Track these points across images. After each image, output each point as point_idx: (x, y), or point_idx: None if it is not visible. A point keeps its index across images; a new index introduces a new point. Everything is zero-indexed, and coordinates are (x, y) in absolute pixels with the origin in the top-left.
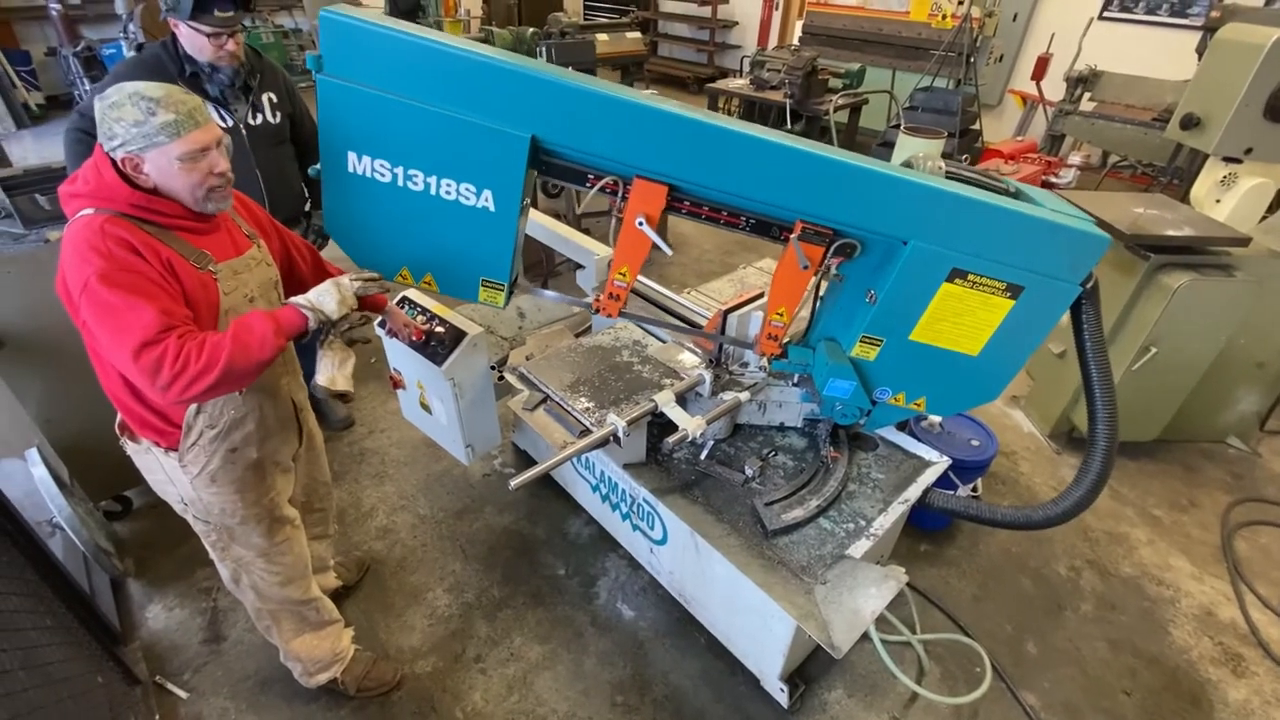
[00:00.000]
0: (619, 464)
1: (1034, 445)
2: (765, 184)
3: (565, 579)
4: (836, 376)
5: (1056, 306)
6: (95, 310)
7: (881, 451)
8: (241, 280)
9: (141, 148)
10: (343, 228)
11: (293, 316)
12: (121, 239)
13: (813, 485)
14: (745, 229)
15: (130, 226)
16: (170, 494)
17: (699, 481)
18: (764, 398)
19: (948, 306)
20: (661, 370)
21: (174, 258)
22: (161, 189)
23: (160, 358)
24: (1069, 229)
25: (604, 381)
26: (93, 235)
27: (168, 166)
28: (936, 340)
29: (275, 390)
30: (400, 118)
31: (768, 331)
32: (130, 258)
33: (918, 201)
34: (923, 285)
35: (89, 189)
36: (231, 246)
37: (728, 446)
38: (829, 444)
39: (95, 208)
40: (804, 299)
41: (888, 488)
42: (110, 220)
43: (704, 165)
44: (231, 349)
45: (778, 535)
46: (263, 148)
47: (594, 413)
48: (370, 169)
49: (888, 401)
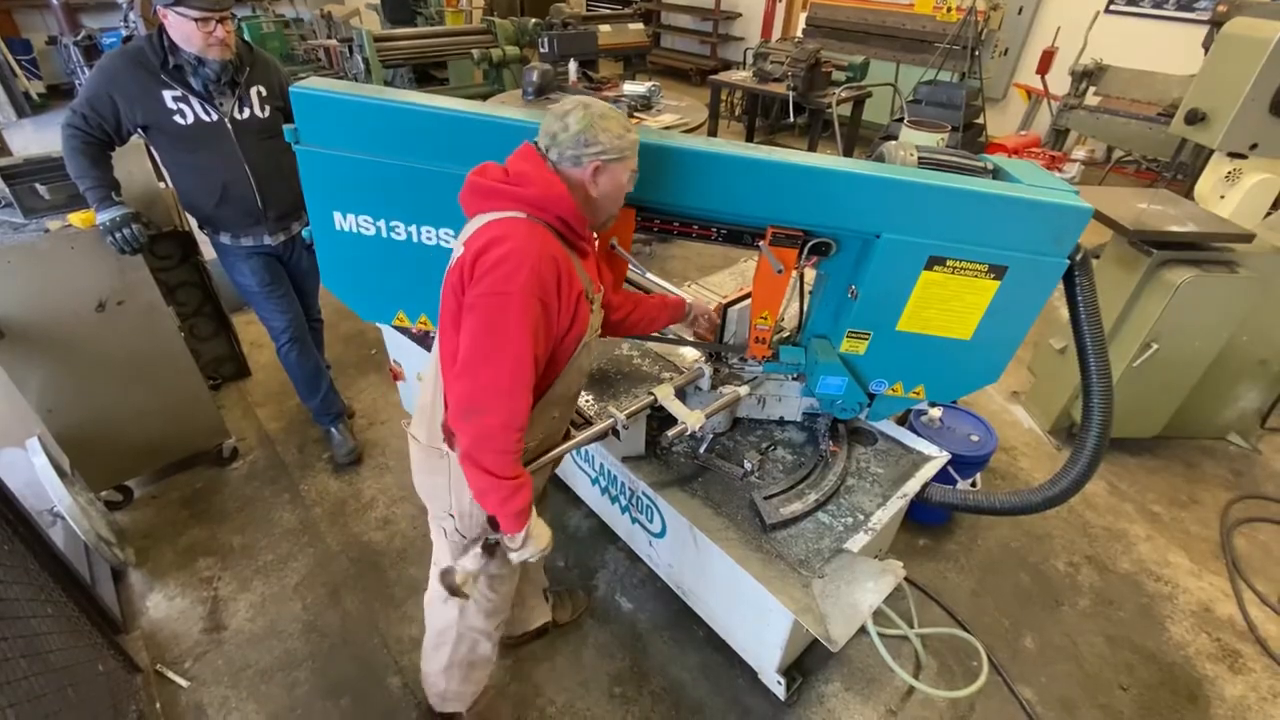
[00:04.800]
0: (618, 457)
1: (1034, 441)
2: (728, 197)
3: (565, 571)
4: (828, 374)
5: (1046, 282)
6: (487, 320)
7: (881, 446)
8: (597, 313)
9: (614, 159)
10: (339, 281)
11: (512, 524)
12: (553, 259)
13: (812, 479)
14: (718, 240)
15: (557, 243)
16: (438, 499)
17: (698, 475)
18: (763, 392)
19: (931, 294)
20: (661, 364)
21: (581, 289)
22: (597, 203)
23: (477, 411)
24: (1047, 204)
25: (604, 375)
26: (539, 244)
27: (618, 184)
28: (925, 328)
29: (568, 418)
30: (374, 175)
31: (755, 335)
32: (550, 289)
33: (883, 195)
34: (901, 276)
35: (533, 194)
36: (594, 274)
37: (727, 440)
38: (828, 438)
39: (528, 213)
40: (788, 299)
41: (886, 482)
42: (546, 235)
43: (663, 185)
44: (486, 474)
45: (776, 529)
46: (252, 141)
47: (594, 405)
48: (355, 225)
49: (886, 392)
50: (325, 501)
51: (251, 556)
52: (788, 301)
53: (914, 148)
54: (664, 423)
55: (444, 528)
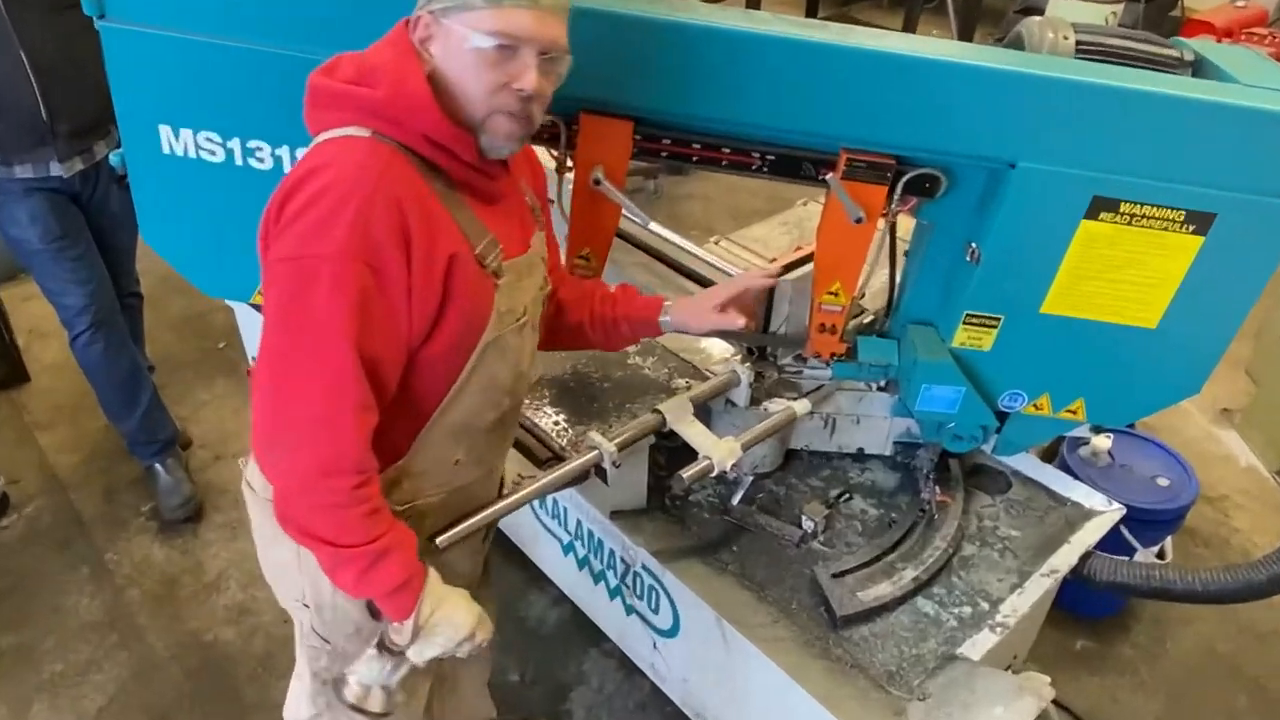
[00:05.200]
0: (605, 512)
1: (1256, 485)
2: (777, 102)
3: (522, 688)
4: (934, 381)
5: (1276, 238)
6: (285, 301)
7: (1016, 494)
8: (522, 290)
9: (452, 4)
10: (168, 235)
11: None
12: (396, 202)
13: (907, 547)
14: (762, 171)
15: (419, 178)
16: (286, 580)
17: (730, 539)
18: (832, 410)
19: (1095, 256)
20: (673, 365)
21: (461, 252)
22: (456, 101)
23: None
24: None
25: (584, 382)
26: (377, 177)
27: (458, 51)
28: (1085, 311)
29: (493, 462)
30: (228, 68)
31: (819, 321)
32: (390, 248)
33: (1020, 100)
34: (1049, 229)
35: (378, 98)
36: (518, 228)
37: (776, 485)
38: (933, 482)
39: (374, 129)
40: (872, 266)
41: (1025, 551)
42: (393, 164)
43: (675, 84)
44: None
45: (852, 624)
46: (32, 19)
47: (565, 431)
48: (193, 147)
49: (1023, 410)
50: (146, 579)
51: (30, 665)
52: (871, 269)
53: (1070, 27)
54: (677, 458)
55: (300, 622)
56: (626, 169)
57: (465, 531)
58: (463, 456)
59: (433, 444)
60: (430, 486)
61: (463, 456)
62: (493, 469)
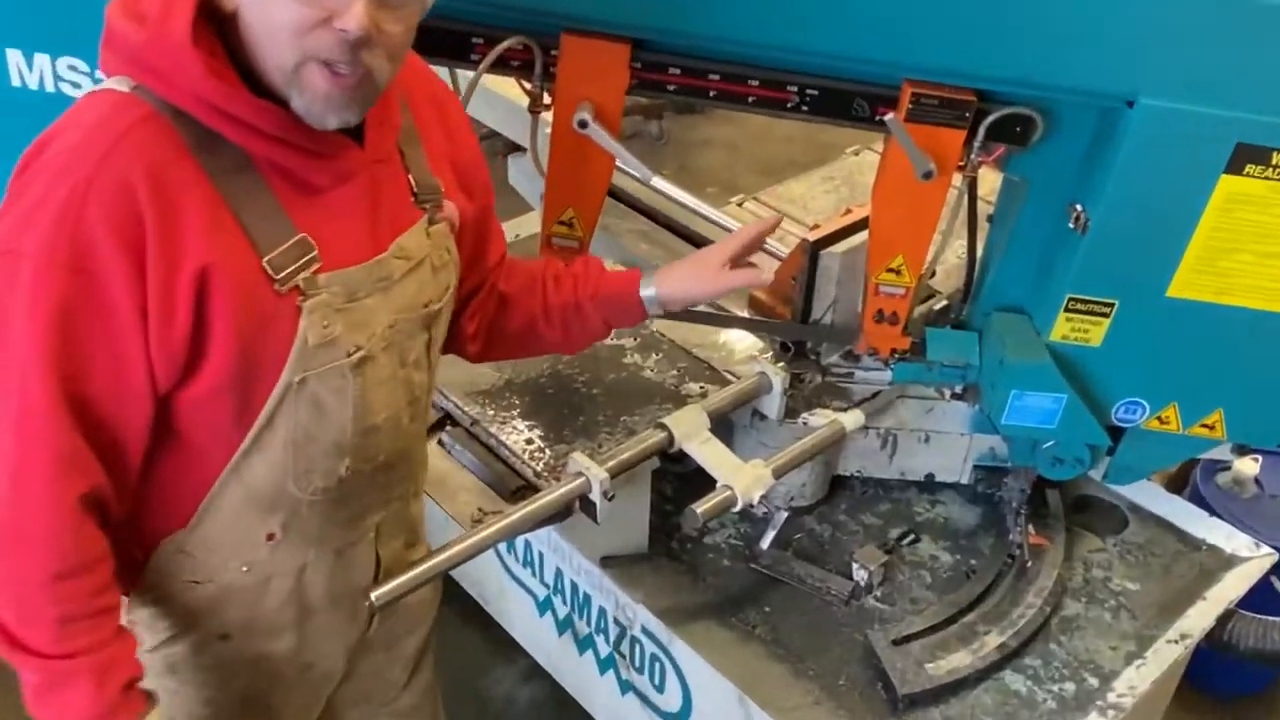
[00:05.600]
0: (593, 558)
1: None
2: (817, 18)
3: None
4: (1027, 386)
5: None
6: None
7: (1134, 535)
8: (363, 311)
9: None
10: None
11: None
12: (127, 189)
13: (991, 605)
14: (799, 109)
15: (179, 157)
16: None
17: (758, 595)
18: (893, 424)
19: (1239, 223)
20: (684, 365)
21: (225, 261)
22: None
23: None
24: None
25: (566, 387)
26: (107, 150)
27: None
28: (1225, 295)
29: (347, 539)
30: None
31: (876, 307)
32: (110, 251)
33: (1146, 12)
34: (1178, 186)
35: (137, 43)
36: (367, 224)
37: (818, 523)
38: (1025, 520)
39: (134, 82)
40: (946, 235)
41: (1146, 610)
42: (136, 133)
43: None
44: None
45: (919, 705)
46: None
47: (544, 452)
48: (52, 79)
49: (1144, 425)
50: None
51: None
52: (944, 240)
53: None
54: (688, 487)
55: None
56: (622, 107)
57: (402, 589)
58: (280, 533)
59: (225, 512)
60: (234, 565)
61: (280, 533)
62: (352, 557)
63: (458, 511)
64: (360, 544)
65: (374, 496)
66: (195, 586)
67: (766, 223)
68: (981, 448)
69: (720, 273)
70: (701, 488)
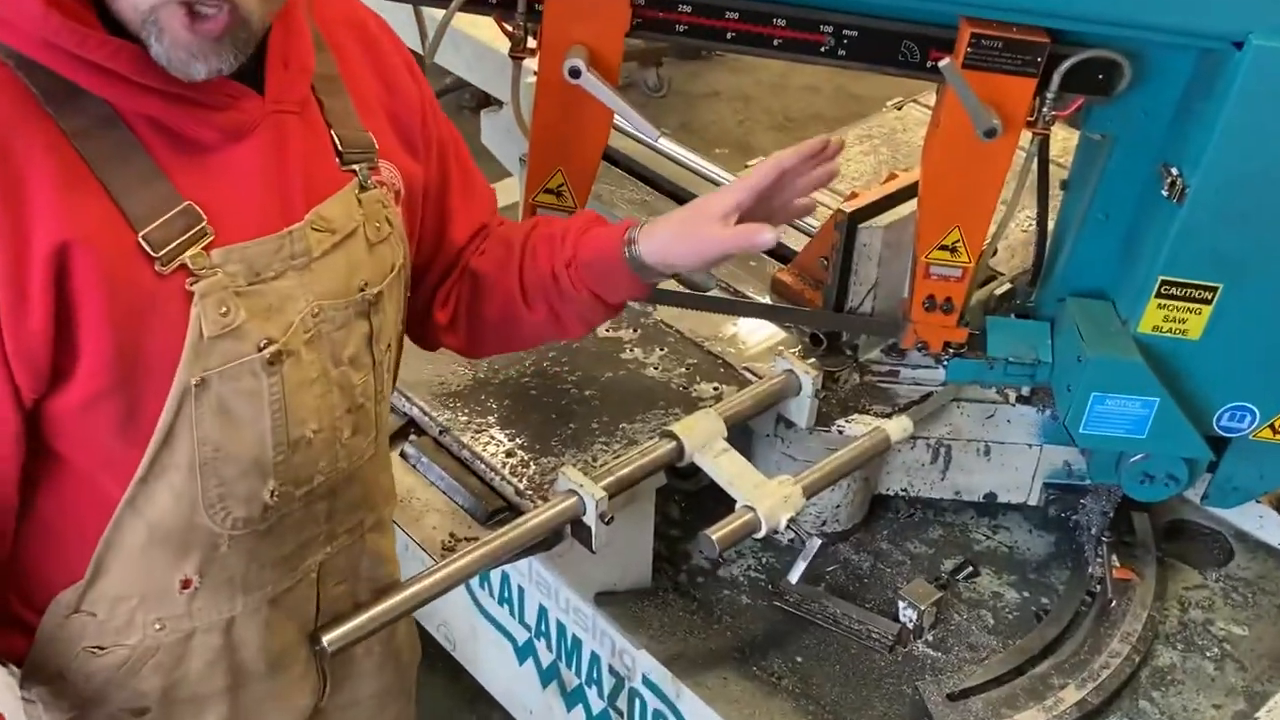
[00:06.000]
0: (586, 595)
1: None
2: None
3: None
4: (1110, 388)
5: None
6: None
7: (1241, 569)
8: (276, 296)
9: None
10: None
11: None
12: None
13: (1067, 653)
14: (837, 54)
15: (26, 115)
16: None
17: (784, 639)
18: (947, 433)
19: None
20: (694, 361)
21: (91, 237)
22: None
23: None
24: None
25: (553, 388)
26: None
27: None
28: None
29: (280, 585)
30: None
31: (926, 291)
32: None
33: None
34: None
35: None
36: (276, 188)
37: (857, 553)
38: (1105, 548)
39: None
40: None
41: (1257, 660)
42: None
43: None
44: None
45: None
46: None
47: (526, 467)
48: None
49: (1253, 436)
50: None
51: None
52: (1008, 210)
53: None
54: (700, 509)
55: None
56: (622, 53)
57: (362, 631)
58: (198, 579)
59: (128, 556)
60: (145, 623)
61: (198, 579)
62: (291, 606)
63: (425, 538)
64: (297, 589)
65: (313, 530)
66: (99, 654)
67: (801, 149)
68: (1054, 462)
69: (714, 228)
70: (716, 509)
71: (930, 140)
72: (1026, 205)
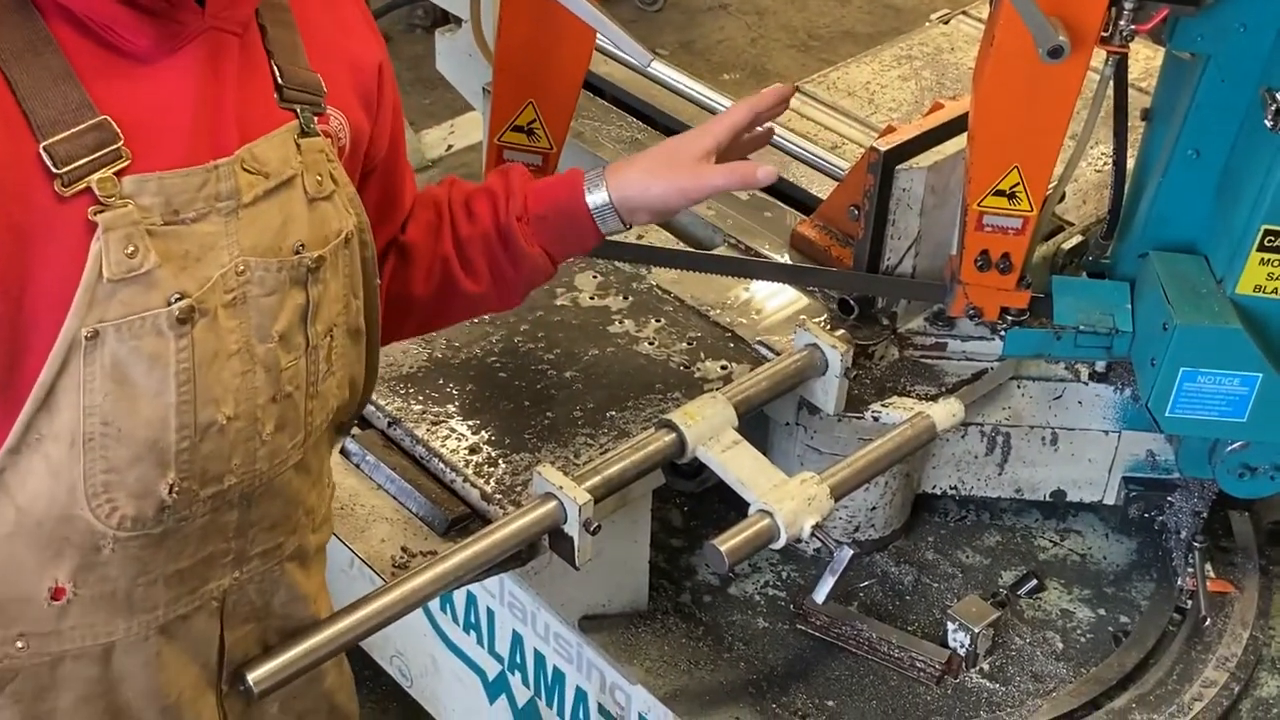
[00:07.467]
0: (571, 620)
1: None
2: None
3: None
4: (1201, 362)
5: None
6: None
7: None
8: (195, 239)
9: None
10: None
11: None
12: None
13: (1153, 681)
14: None
15: None
16: None
17: (810, 668)
18: (1006, 418)
19: None
20: (698, 334)
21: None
22: None
23: None
24: None
25: (524, 368)
26: None
27: None
28: None
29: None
30: None
31: (976, 247)
32: None
33: None
34: None
35: None
36: (209, 112)
37: (896, 564)
38: (1198, 556)
39: None
40: (1085, 143)
41: None
42: None
43: None
44: None
45: None
46: None
47: (494, 465)
48: None
49: None
50: None
51: None
52: (1078, 147)
53: None
54: (705, 512)
55: None
56: None
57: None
58: (71, 588)
59: None
60: (2, 637)
61: (71, 588)
62: (190, 638)
63: (371, 553)
64: (195, 619)
65: (219, 545)
66: None
67: (766, 95)
68: (1135, 452)
69: (697, 166)
70: (725, 515)
71: (983, 62)
72: (1100, 140)
